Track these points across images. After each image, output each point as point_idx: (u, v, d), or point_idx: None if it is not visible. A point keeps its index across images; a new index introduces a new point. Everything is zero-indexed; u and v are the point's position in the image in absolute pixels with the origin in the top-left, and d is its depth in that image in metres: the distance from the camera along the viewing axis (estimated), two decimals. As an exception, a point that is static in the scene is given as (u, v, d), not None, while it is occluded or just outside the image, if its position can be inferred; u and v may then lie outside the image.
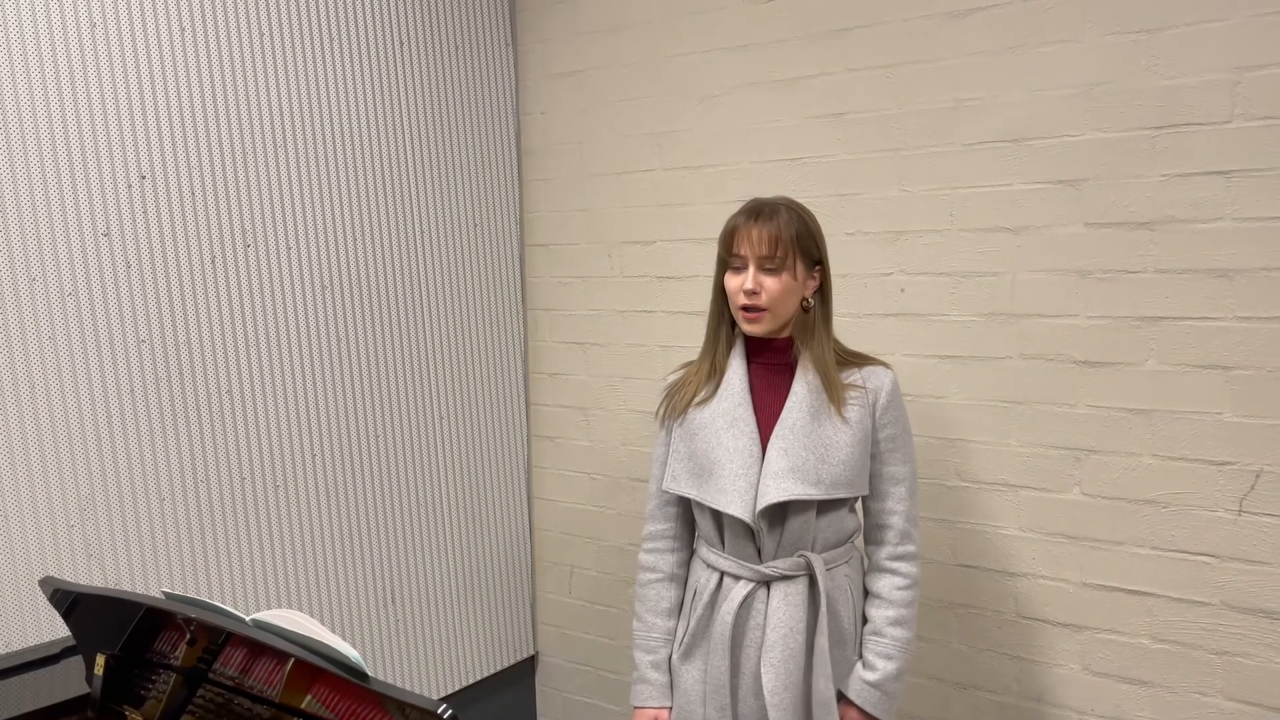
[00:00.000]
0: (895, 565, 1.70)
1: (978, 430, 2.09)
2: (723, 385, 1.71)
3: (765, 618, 1.66)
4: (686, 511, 1.79)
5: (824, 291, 1.71)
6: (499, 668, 2.80)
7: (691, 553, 1.81)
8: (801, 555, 1.66)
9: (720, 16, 2.37)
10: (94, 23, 1.88)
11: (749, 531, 1.66)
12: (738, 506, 1.64)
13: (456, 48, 2.60)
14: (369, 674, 1.11)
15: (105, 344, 1.92)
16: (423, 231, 2.53)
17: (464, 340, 2.66)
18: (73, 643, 1.66)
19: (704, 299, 2.45)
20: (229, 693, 1.25)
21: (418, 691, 2.55)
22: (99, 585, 1.89)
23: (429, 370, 2.57)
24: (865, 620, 1.72)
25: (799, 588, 1.65)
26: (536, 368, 2.84)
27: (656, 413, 1.80)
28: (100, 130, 1.89)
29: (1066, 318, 1.97)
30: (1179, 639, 1.91)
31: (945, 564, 2.16)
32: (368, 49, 2.38)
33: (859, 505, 1.76)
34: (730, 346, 1.75)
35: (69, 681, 1.61)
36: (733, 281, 1.67)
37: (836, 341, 1.73)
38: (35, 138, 1.81)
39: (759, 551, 1.67)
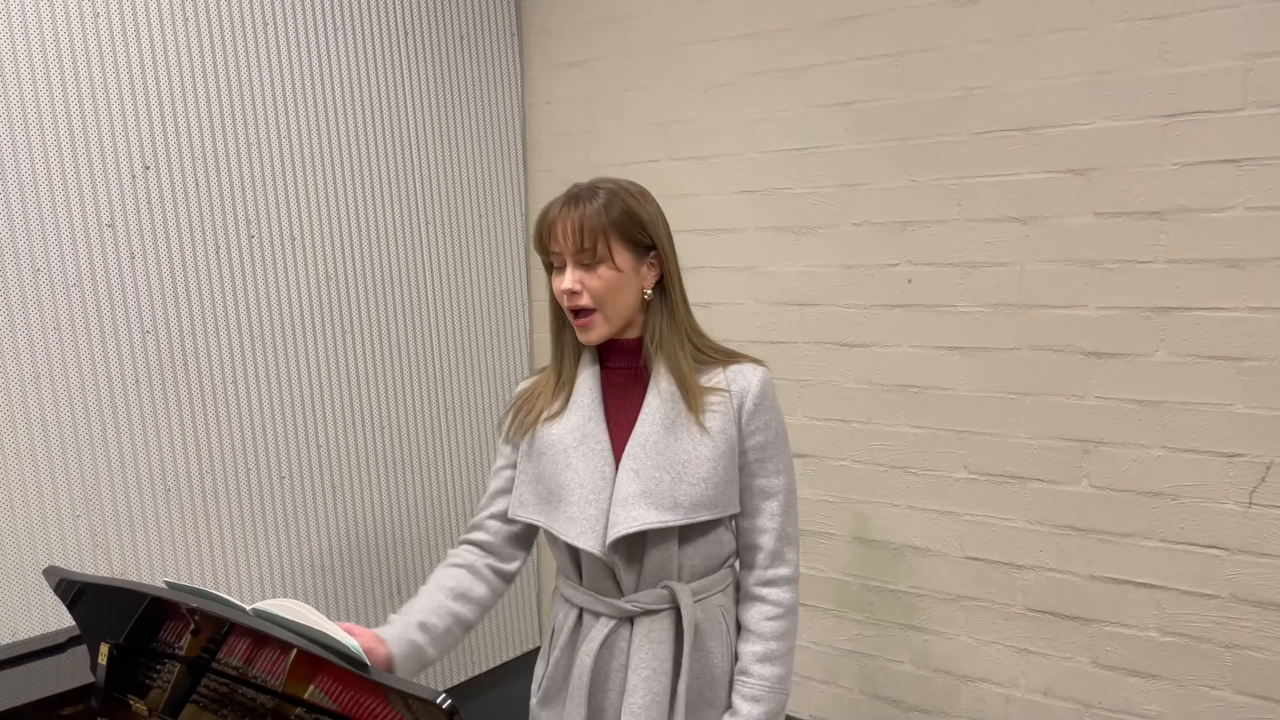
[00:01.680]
0: (764, 592, 1.47)
1: (985, 422, 2.08)
2: (573, 398, 1.51)
3: (628, 658, 1.46)
4: (528, 534, 1.60)
5: (666, 281, 1.48)
6: (505, 659, 2.80)
7: (505, 576, 1.61)
8: (665, 586, 1.46)
9: (726, 5, 2.36)
10: (97, 13, 1.87)
11: (606, 564, 1.46)
12: (587, 538, 1.43)
13: (461, 38, 2.59)
14: (368, 664, 1.11)
15: (110, 335, 1.92)
16: (427, 223, 2.53)
17: (469, 332, 2.66)
18: (78, 632, 1.67)
19: (711, 290, 2.44)
20: (233, 683, 1.25)
21: (423, 682, 2.55)
22: (104, 575, 1.89)
23: (434, 362, 2.57)
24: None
25: (664, 623, 1.45)
26: (542, 361, 2.83)
27: (499, 426, 1.60)
28: (104, 122, 1.89)
29: (1075, 308, 1.96)
30: (1188, 632, 1.89)
31: (952, 557, 2.15)
32: (372, 39, 2.37)
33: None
34: (579, 352, 1.53)
35: (74, 671, 1.61)
36: (555, 283, 1.46)
37: (703, 337, 1.52)
38: (39, 129, 1.80)
39: (619, 585, 1.47)
